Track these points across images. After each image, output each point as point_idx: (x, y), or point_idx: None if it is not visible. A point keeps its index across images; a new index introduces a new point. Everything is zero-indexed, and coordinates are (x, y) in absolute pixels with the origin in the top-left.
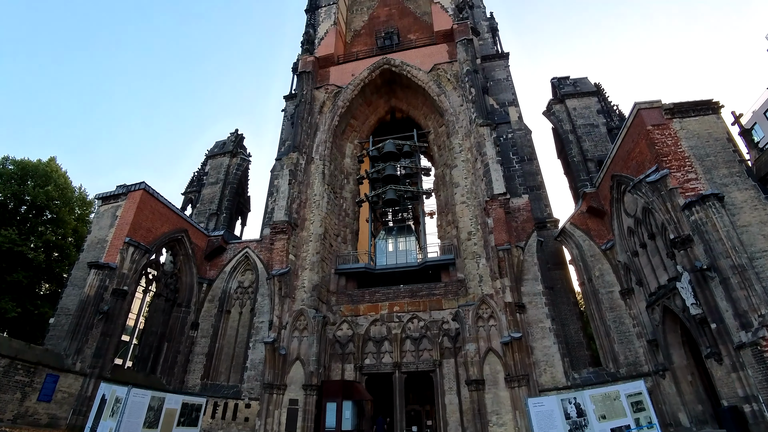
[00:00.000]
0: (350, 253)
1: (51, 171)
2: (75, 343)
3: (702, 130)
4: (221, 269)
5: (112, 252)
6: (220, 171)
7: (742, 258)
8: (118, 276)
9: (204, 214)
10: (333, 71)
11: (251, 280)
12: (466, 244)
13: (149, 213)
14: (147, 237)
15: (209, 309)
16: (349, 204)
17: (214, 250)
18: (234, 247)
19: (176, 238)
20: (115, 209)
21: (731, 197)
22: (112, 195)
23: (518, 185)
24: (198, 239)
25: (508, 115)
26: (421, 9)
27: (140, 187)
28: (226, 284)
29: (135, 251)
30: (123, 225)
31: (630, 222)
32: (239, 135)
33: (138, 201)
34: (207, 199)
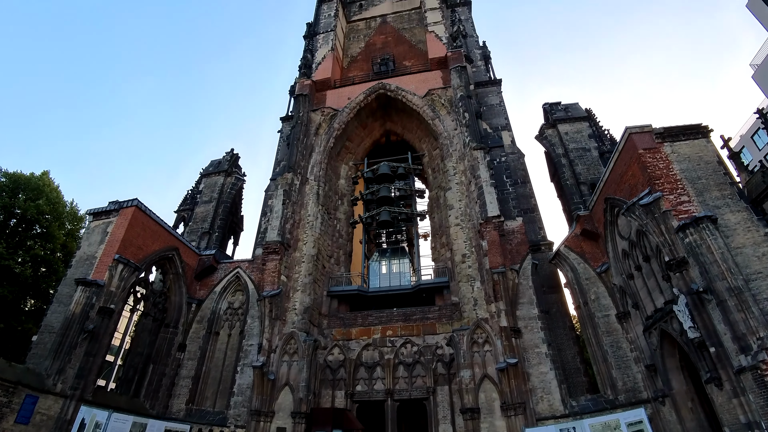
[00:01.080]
0: (343, 274)
1: (44, 185)
2: (57, 362)
3: (693, 153)
4: (211, 289)
5: (100, 269)
6: (214, 190)
7: (738, 280)
8: (106, 294)
9: (196, 233)
10: (329, 94)
11: (241, 301)
12: (461, 267)
13: (141, 230)
14: (137, 254)
15: (197, 330)
16: (343, 225)
17: (204, 270)
18: (225, 267)
19: (167, 256)
20: (106, 225)
21: (724, 219)
22: (103, 211)
23: (512, 208)
24: (189, 258)
25: (501, 139)
26: (416, 37)
27: (133, 203)
28: (215, 305)
29: (124, 269)
30: (113, 242)
31: (624, 245)
32: (235, 154)
33: (130, 218)
34: (200, 218)
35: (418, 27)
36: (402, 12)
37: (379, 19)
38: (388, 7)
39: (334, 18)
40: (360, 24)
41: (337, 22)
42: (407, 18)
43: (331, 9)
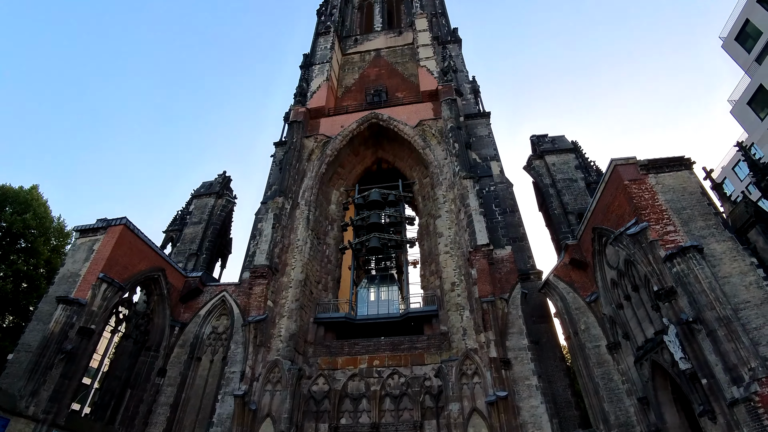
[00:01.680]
0: (331, 301)
1: (32, 199)
2: (32, 383)
3: (677, 184)
4: (196, 312)
5: (83, 287)
6: (204, 211)
7: (726, 309)
8: (87, 313)
9: (184, 254)
10: (323, 122)
11: (226, 325)
12: (450, 295)
13: (127, 249)
14: (122, 274)
15: (179, 355)
16: (333, 251)
17: (190, 292)
18: (211, 290)
19: (152, 276)
20: (92, 243)
21: (710, 249)
22: (91, 228)
23: (501, 236)
24: (175, 279)
25: (491, 169)
26: (408, 71)
27: (121, 222)
28: (199, 329)
29: (108, 288)
30: (99, 260)
31: (613, 274)
32: (227, 177)
33: (117, 236)
34: (188, 239)
35: (410, 61)
36: (395, 47)
37: (373, 52)
38: (382, 42)
39: (330, 50)
40: (355, 57)
41: (332, 54)
42: (400, 53)
43: (327, 42)
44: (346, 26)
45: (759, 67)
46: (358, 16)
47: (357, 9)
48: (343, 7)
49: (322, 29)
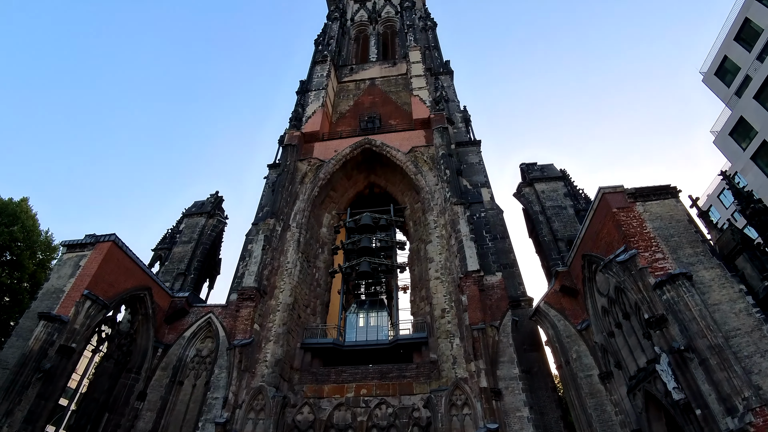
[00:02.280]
0: (319, 326)
1: (21, 212)
2: (6, 403)
3: (664, 212)
4: (180, 334)
5: (67, 304)
6: (194, 230)
7: (717, 337)
8: (69, 331)
9: (171, 273)
10: (317, 146)
11: (210, 348)
12: (440, 322)
13: (115, 266)
14: (108, 292)
15: (161, 378)
16: (322, 274)
17: (176, 312)
18: (197, 311)
19: (138, 295)
20: (79, 258)
21: (699, 276)
22: (79, 243)
23: (492, 263)
24: (161, 299)
25: (481, 196)
26: (401, 99)
27: (110, 238)
28: (183, 351)
29: (92, 306)
30: (84, 276)
31: (603, 301)
32: (219, 197)
33: (105, 253)
34: (177, 258)
35: (404, 90)
36: (389, 77)
37: (368, 81)
38: (376, 72)
39: (326, 78)
40: (350, 85)
41: (328, 81)
42: (394, 82)
43: (324, 70)
44: (342, 56)
45: (739, 100)
46: (354, 47)
47: (353, 40)
48: (340, 38)
49: (319, 58)
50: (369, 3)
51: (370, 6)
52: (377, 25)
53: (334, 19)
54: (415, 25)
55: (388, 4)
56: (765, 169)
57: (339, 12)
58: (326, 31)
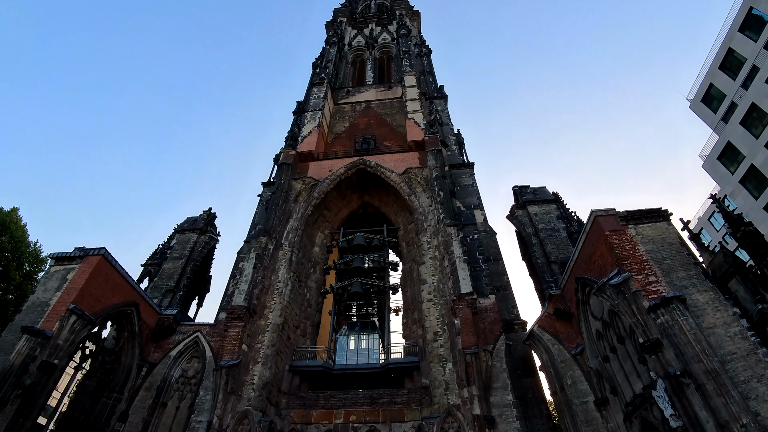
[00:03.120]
0: (309, 348)
1: (10, 222)
2: None
3: (656, 235)
4: (166, 353)
5: (51, 318)
6: (185, 247)
7: (713, 362)
8: (52, 346)
9: (160, 290)
10: (312, 166)
11: (196, 369)
12: (432, 346)
13: (103, 281)
14: (94, 307)
15: (144, 398)
16: (313, 294)
17: (162, 330)
18: (184, 330)
19: (125, 311)
20: (67, 272)
21: (693, 299)
22: (67, 256)
23: (485, 285)
24: (148, 316)
25: (474, 217)
26: (396, 122)
27: (99, 252)
28: (168, 371)
29: (77, 321)
30: (71, 290)
31: (598, 325)
32: (212, 213)
33: (93, 267)
34: (166, 274)
35: (399, 113)
36: (385, 99)
37: (364, 104)
38: (372, 95)
39: (323, 99)
40: (346, 106)
41: (325, 103)
42: (389, 105)
43: (321, 92)
44: (339, 79)
45: (725, 125)
46: (351, 70)
47: (350, 64)
48: (337, 61)
49: (317, 80)
50: (366, 30)
51: (368, 32)
52: (374, 50)
53: (332, 43)
54: (411, 51)
55: (384, 31)
56: (754, 192)
57: (337, 37)
58: (324, 55)
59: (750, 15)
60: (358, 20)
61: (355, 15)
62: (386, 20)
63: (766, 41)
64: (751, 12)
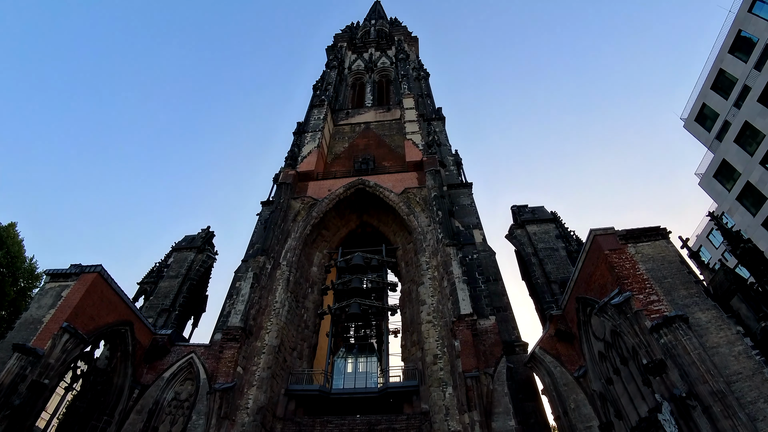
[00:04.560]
0: (305, 371)
1: (7, 237)
2: None
3: (655, 254)
4: (159, 374)
5: (44, 336)
6: (182, 265)
7: (719, 383)
8: (43, 365)
9: (155, 309)
10: (311, 185)
11: (190, 392)
12: (432, 369)
13: (98, 299)
14: (88, 325)
15: (135, 422)
16: (311, 315)
17: (157, 351)
18: (179, 351)
19: (119, 331)
20: (61, 289)
21: (695, 318)
22: (63, 273)
23: (485, 306)
24: (142, 336)
25: (473, 237)
26: (395, 143)
27: (95, 270)
28: (160, 394)
29: (69, 340)
30: (65, 308)
31: (600, 346)
32: (210, 232)
33: (89, 284)
34: (162, 293)
35: (397, 134)
36: (384, 121)
37: (363, 125)
38: (371, 116)
39: (323, 120)
40: (345, 128)
41: (325, 124)
42: (388, 126)
43: (321, 113)
44: (339, 101)
45: (720, 143)
46: (351, 92)
47: (350, 87)
48: (337, 84)
49: (317, 102)
50: (366, 54)
51: (367, 57)
52: (373, 74)
53: (332, 67)
54: (409, 74)
55: (383, 55)
56: (751, 209)
57: (337, 61)
58: (325, 78)
59: (739, 37)
60: (357, 45)
61: (355, 40)
62: (385, 45)
63: (756, 62)
64: (740, 34)
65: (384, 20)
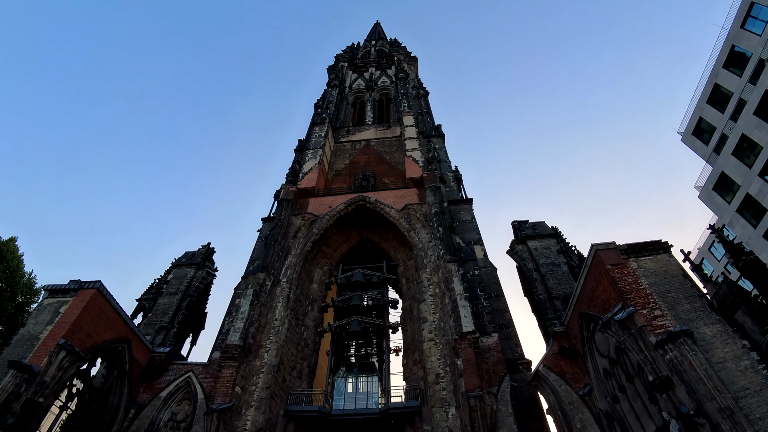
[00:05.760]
0: (305, 391)
1: (7, 251)
2: None
3: (658, 268)
4: (156, 394)
5: (40, 353)
6: (182, 282)
7: (727, 399)
8: (38, 383)
9: (153, 326)
10: (312, 202)
11: (187, 412)
12: (434, 389)
13: (96, 316)
14: (85, 342)
15: None
16: (311, 333)
17: (154, 369)
18: (177, 369)
19: (116, 348)
20: (60, 305)
21: (700, 333)
22: (61, 289)
23: (487, 323)
24: (140, 353)
25: (474, 253)
26: (395, 159)
27: (94, 286)
28: (157, 414)
29: (66, 357)
30: (63, 324)
31: (605, 363)
32: (210, 248)
33: (87, 300)
34: (161, 310)
35: (398, 151)
36: (384, 138)
37: (363, 142)
38: (372, 134)
39: (324, 138)
40: (346, 145)
41: (326, 141)
42: (388, 143)
43: (322, 131)
44: (340, 119)
45: (718, 156)
46: (352, 111)
47: (351, 105)
48: (338, 102)
49: (318, 119)
50: (366, 74)
51: (368, 76)
52: (373, 92)
53: (333, 86)
54: (409, 93)
55: (383, 75)
56: (752, 220)
57: (338, 80)
58: (326, 96)
59: (733, 52)
60: (358, 65)
61: (355, 60)
62: (385, 65)
63: (751, 76)
64: (734, 49)
65: (384, 41)
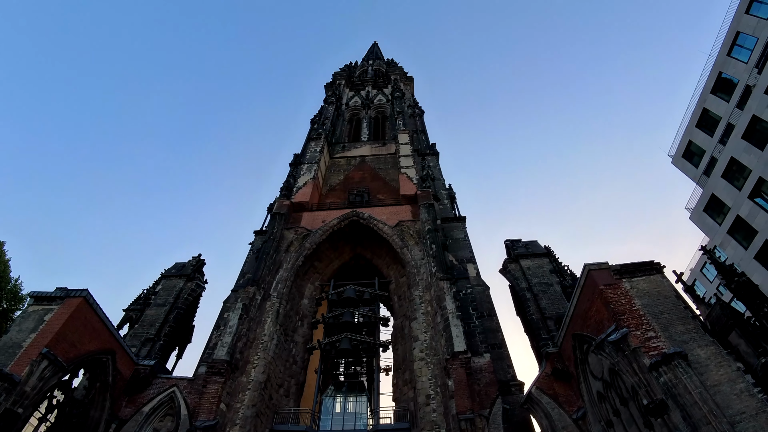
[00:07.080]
0: (291, 410)
1: None
2: None
3: (651, 289)
4: (139, 408)
5: (22, 361)
6: (171, 293)
7: (723, 424)
8: (18, 393)
9: (140, 337)
10: (305, 216)
11: (169, 429)
12: (425, 410)
13: (81, 325)
14: (69, 352)
15: None
16: (300, 350)
17: (138, 383)
18: (161, 383)
19: (100, 359)
20: (44, 313)
21: (694, 355)
22: (47, 296)
23: (479, 342)
24: (124, 366)
25: (467, 271)
26: (389, 176)
27: (81, 294)
28: (138, 430)
29: (48, 367)
30: (47, 333)
31: (599, 386)
32: (201, 260)
33: (73, 309)
34: (148, 321)
35: (392, 168)
36: (379, 155)
37: (358, 158)
38: (367, 150)
39: (320, 153)
40: (341, 160)
41: (321, 156)
42: (383, 160)
43: (318, 146)
44: (336, 134)
45: (708, 179)
46: (348, 127)
47: (347, 122)
48: (335, 119)
49: (314, 135)
50: (363, 92)
51: (364, 94)
52: (370, 110)
53: (330, 102)
54: (404, 111)
55: (380, 93)
56: (743, 242)
57: (335, 97)
58: (322, 113)
59: (720, 78)
60: (355, 83)
61: (353, 78)
62: (382, 84)
63: (738, 101)
64: (721, 76)
65: (381, 60)
